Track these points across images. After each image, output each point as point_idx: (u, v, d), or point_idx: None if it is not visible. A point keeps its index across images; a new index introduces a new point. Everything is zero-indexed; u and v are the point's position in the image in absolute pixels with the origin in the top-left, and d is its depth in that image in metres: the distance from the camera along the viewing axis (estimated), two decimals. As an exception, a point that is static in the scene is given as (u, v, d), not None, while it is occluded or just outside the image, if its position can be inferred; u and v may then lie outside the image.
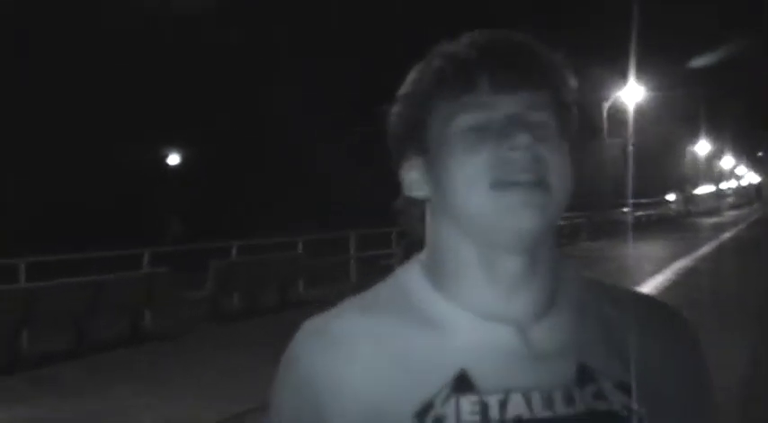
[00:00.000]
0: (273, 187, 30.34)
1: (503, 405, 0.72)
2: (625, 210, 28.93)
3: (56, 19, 27.48)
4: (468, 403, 0.72)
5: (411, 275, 0.82)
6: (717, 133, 64.47)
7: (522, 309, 0.76)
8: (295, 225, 17.30)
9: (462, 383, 0.73)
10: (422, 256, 0.84)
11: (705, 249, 19.60)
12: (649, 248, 20.74)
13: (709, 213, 50.21)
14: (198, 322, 9.67)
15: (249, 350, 7.93)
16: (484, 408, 0.72)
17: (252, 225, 21.35)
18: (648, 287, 10.92)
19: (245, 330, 9.35)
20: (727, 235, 26.71)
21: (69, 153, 25.84)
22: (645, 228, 31.96)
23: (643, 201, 36.17)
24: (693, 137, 60.03)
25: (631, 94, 27.70)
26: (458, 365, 0.73)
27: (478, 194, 0.73)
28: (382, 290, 0.83)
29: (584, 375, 0.75)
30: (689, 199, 53.56)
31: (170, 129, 29.54)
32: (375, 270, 14.84)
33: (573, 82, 0.80)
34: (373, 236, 15.38)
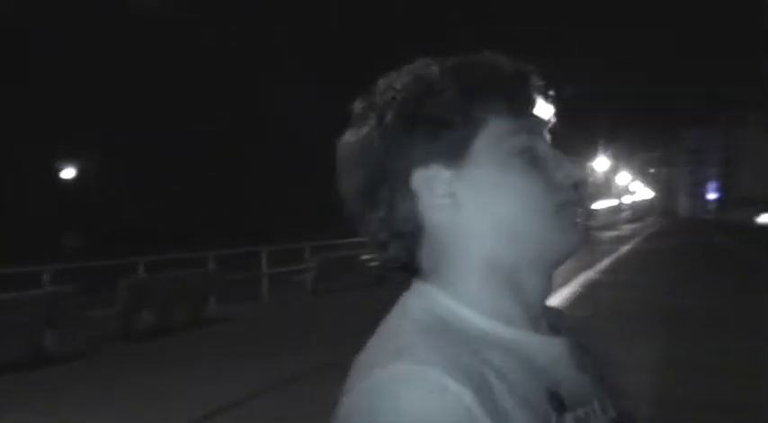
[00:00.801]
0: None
1: (587, 418, 0.73)
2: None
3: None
4: None
5: (444, 305, 0.74)
6: (614, 150, 67.64)
7: (554, 322, 0.80)
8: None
9: (559, 404, 0.71)
10: (432, 282, 0.76)
11: (607, 262, 20.38)
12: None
13: (608, 227, 52.40)
14: (105, 342, 9.26)
15: (162, 369, 7.67)
16: None
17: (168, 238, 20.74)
18: (558, 300, 11.25)
19: (156, 349, 9.02)
20: (626, 248, 27.90)
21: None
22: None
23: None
24: (592, 153, 62.64)
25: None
26: (544, 386, 0.71)
27: (545, 215, 0.74)
28: (418, 331, 0.71)
29: (602, 380, 0.81)
30: (588, 214, 55.76)
31: (65, 141, 28.49)
32: (287, 286, 14.72)
33: None
34: (286, 251, 15.24)
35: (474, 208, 0.74)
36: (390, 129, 0.75)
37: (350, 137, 0.79)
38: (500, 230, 0.74)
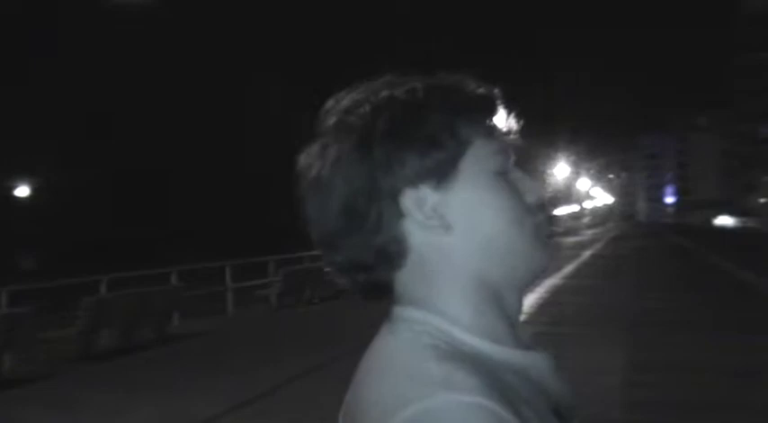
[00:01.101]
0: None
1: None
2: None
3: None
4: None
5: (442, 329, 0.71)
6: (574, 155, 68.63)
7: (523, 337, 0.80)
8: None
9: (564, 418, 0.72)
10: (411, 304, 0.74)
11: (570, 267, 20.62)
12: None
13: (570, 233, 53.09)
14: (66, 363, 9.05)
15: (125, 389, 7.53)
16: None
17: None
18: (524, 307, 11.32)
19: (119, 368, 8.84)
20: (588, 253, 28.27)
21: None
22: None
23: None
24: (553, 160, 63.42)
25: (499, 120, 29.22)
26: (548, 402, 0.71)
27: (526, 233, 0.75)
28: (439, 358, 0.66)
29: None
30: (553, 221, 56.42)
31: (18, 158, 27.91)
32: (251, 301, 14.59)
33: None
34: (249, 265, 15.12)
35: (462, 227, 0.73)
36: (379, 145, 0.72)
37: (322, 154, 0.74)
38: (487, 250, 0.74)
